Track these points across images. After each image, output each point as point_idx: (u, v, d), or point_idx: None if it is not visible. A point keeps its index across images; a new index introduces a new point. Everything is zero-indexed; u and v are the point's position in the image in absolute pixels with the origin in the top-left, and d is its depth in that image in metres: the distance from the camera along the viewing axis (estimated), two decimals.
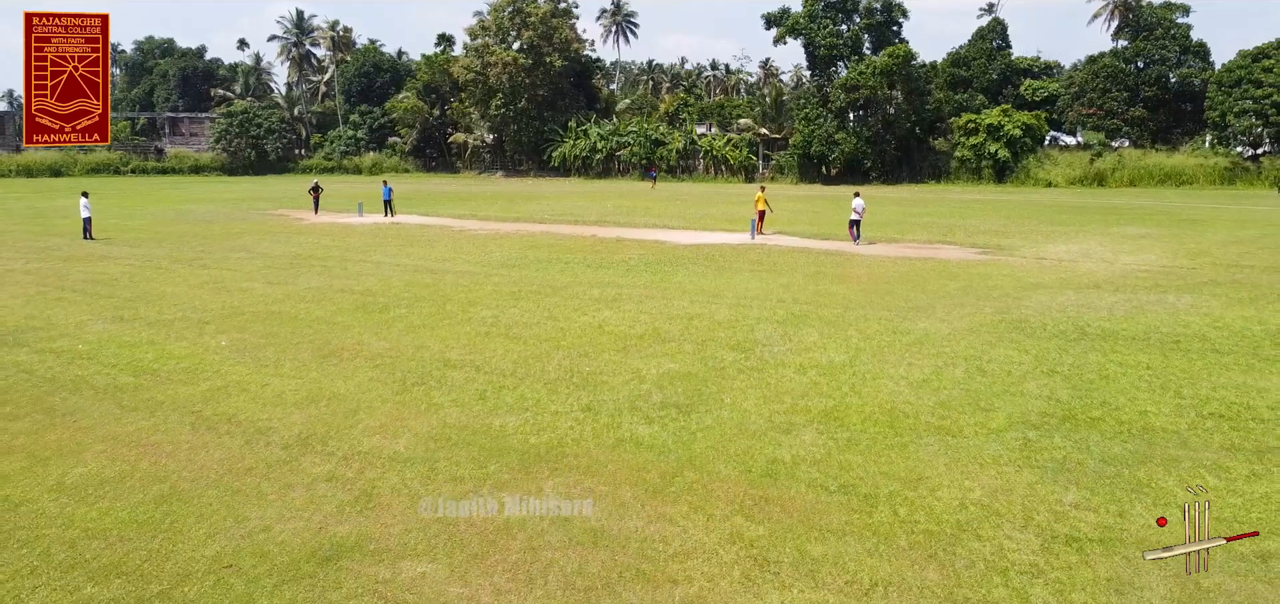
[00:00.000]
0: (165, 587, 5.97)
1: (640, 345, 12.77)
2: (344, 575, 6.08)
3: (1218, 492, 7.44)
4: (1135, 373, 11.11)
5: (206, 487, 7.67)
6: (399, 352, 12.50)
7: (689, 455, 8.34)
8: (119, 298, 17.06)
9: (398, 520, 6.94)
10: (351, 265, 21.43)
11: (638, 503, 7.27)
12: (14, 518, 7.06)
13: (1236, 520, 6.89)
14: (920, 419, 9.36)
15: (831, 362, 11.79)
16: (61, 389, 10.73)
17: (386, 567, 6.19)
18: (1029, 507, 7.15)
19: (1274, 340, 12.92)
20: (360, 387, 10.74)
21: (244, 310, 15.72)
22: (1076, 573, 6.09)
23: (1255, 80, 58.48)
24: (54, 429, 9.23)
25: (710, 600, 5.76)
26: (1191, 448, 8.47)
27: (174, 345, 13.01)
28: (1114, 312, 15.08)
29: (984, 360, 11.79)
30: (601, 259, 22.50)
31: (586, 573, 6.11)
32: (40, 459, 8.35)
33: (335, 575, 6.09)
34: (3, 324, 14.59)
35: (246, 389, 10.67)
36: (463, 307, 15.89)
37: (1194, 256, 22.30)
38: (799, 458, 8.23)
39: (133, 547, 6.55)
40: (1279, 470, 7.88)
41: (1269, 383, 10.65)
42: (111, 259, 22.90)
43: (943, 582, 5.99)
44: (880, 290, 17.66)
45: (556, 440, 8.78)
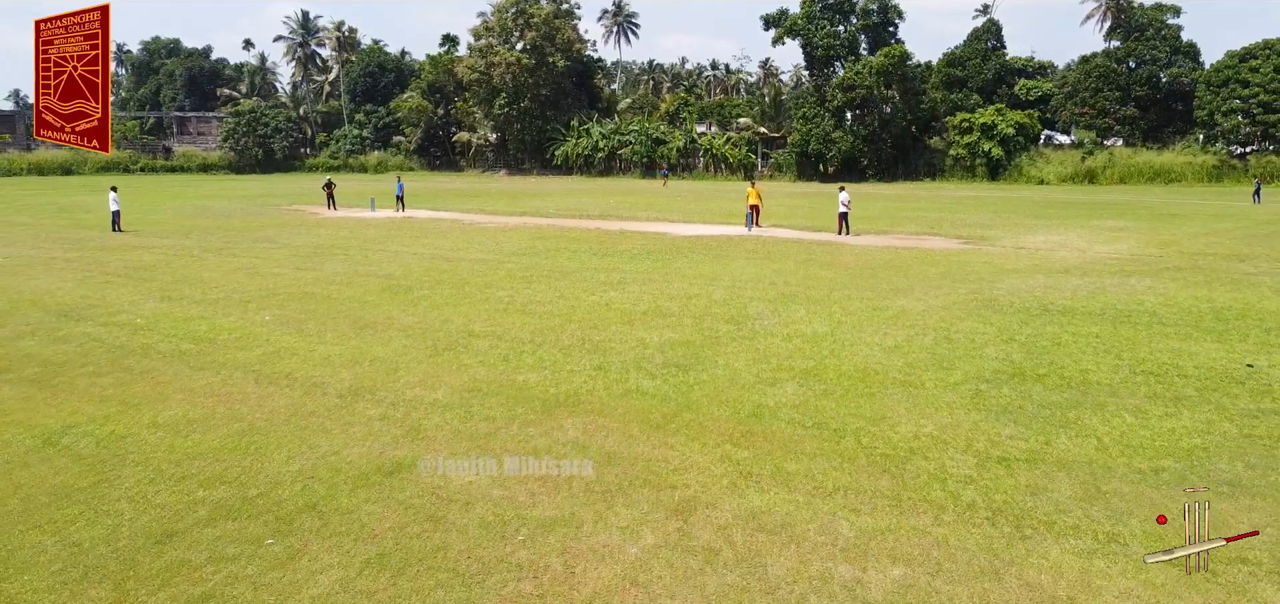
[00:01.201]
0: (262, 491, 7.37)
1: (644, 319, 14.17)
2: (406, 482, 7.48)
3: (1133, 427, 8.83)
4: (1084, 341, 12.50)
5: (278, 425, 9.07)
6: (427, 325, 13.90)
7: (687, 402, 9.74)
8: (162, 281, 18.45)
9: (444, 447, 8.33)
10: (372, 254, 22.82)
11: (644, 435, 8.67)
12: (124, 446, 8.46)
13: (1145, 447, 8.27)
14: (888, 375, 10.76)
15: (815, 332, 13.18)
16: (132, 354, 12.12)
17: (439, 477, 7.59)
18: (971, 437, 8.54)
19: (1216, 315, 14.31)
20: (397, 351, 12.14)
21: (279, 291, 17.11)
22: (1002, 481, 7.48)
23: (1243, 80, 59.87)
24: (136, 384, 10.63)
25: (703, 499, 7.15)
26: (1119, 396, 9.87)
27: (222, 320, 14.41)
28: (1077, 292, 16.47)
29: (951, 331, 13.18)
30: (606, 249, 23.89)
31: (604, 481, 7.50)
32: (131, 405, 9.75)
33: (399, 482, 7.49)
34: (63, 302, 16.00)
35: (296, 353, 12.07)
36: (481, 288, 17.29)
37: (1163, 247, 23.68)
38: (781, 404, 9.63)
39: (228, 465, 7.95)
40: (1187, 413, 9.28)
41: (1199, 348, 12.04)
42: (144, 249, 24.30)
43: (892, 487, 7.38)
44: (865, 275, 19.04)
45: (573, 391, 10.18)
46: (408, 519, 6.80)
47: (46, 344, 12.73)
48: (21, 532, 6.64)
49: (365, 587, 5.79)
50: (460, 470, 7.70)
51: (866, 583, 5.84)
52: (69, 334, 13.36)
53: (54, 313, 15.05)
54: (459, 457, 8.05)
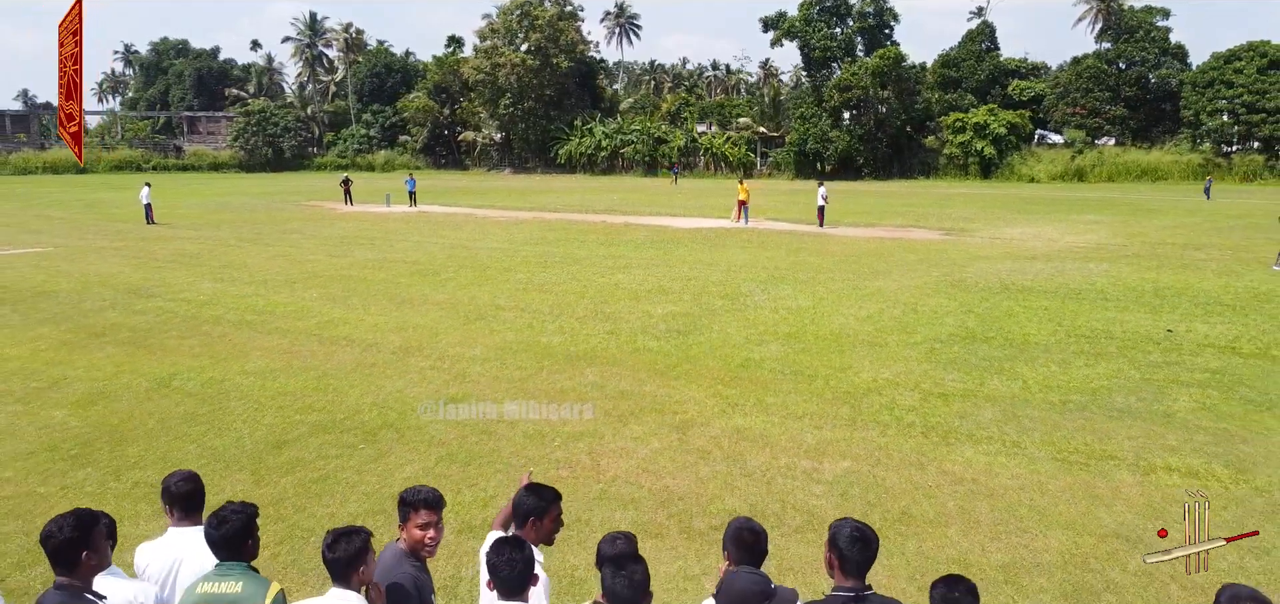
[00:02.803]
0: (346, 415, 9.22)
1: (648, 297, 16.02)
2: (463, 409, 9.34)
3: (1055, 374, 10.67)
4: (1033, 312, 14.34)
5: (347, 372, 10.93)
6: (457, 301, 15.75)
7: (686, 356, 11.59)
8: (210, 266, 20.31)
9: (489, 388, 10.18)
10: (396, 244, 24.67)
11: (651, 379, 10.52)
12: (224, 388, 10.31)
13: (1060, 387, 10.11)
14: (858, 337, 12.61)
15: (799, 306, 15.04)
16: (205, 323, 13.98)
17: (491, 406, 9.45)
18: (919, 380, 10.39)
19: (1156, 292, 16.15)
20: (434, 320, 14.00)
21: (319, 274, 18.96)
22: (938, 409, 9.33)
23: (1227, 81, 61.59)
24: (217, 344, 12.49)
25: (698, 420, 9.00)
26: (1050, 352, 11.71)
27: (275, 297, 16.27)
28: (1038, 275, 18.31)
29: (919, 305, 15.03)
30: (612, 239, 25.73)
31: (619, 409, 9.36)
32: (220, 359, 11.61)
33: (457, 408, 9.35)
34: (129, 283, 17.86)
35: (347, 322, 13.93)
36: (500, 272, 19.13)
37: (1129, 237, 25.51)
38: (765, 358, 11.48)
39: (313, 399, 9.80)
40: (1104, 364, 11.12)
41: (1132, 318, 13.88)
42: (183, 239, 26.15)
43: (849, 413, 9.23)
44: (849, 261, 20.88)
45: (590, 349, 12.03)
46: (466, 433, 8.66)
47: (128, 315, 14.59)
48: (167, 441, 8.50)
49: (441, 473, 7.64)
50: (507, 402, 9.57)
51: (822, 471, 7.69)
52: (144, 308, 15.22)
53: (124, 291, 16.90)
54: (500, 393, 9.91)
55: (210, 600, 3.13)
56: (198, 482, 3.75)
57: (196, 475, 3.79)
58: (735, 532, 3.43)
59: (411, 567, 3.37)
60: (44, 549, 3.11)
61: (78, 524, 3.06)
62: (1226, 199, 43.29)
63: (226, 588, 3.15)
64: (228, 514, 3.20)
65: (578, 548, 6.18)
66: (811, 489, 7.27)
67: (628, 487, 7.35)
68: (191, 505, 3.68)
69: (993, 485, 7.33)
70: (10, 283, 17.92)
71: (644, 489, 7.30)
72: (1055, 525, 6.62)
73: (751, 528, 3.44)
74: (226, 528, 3.19)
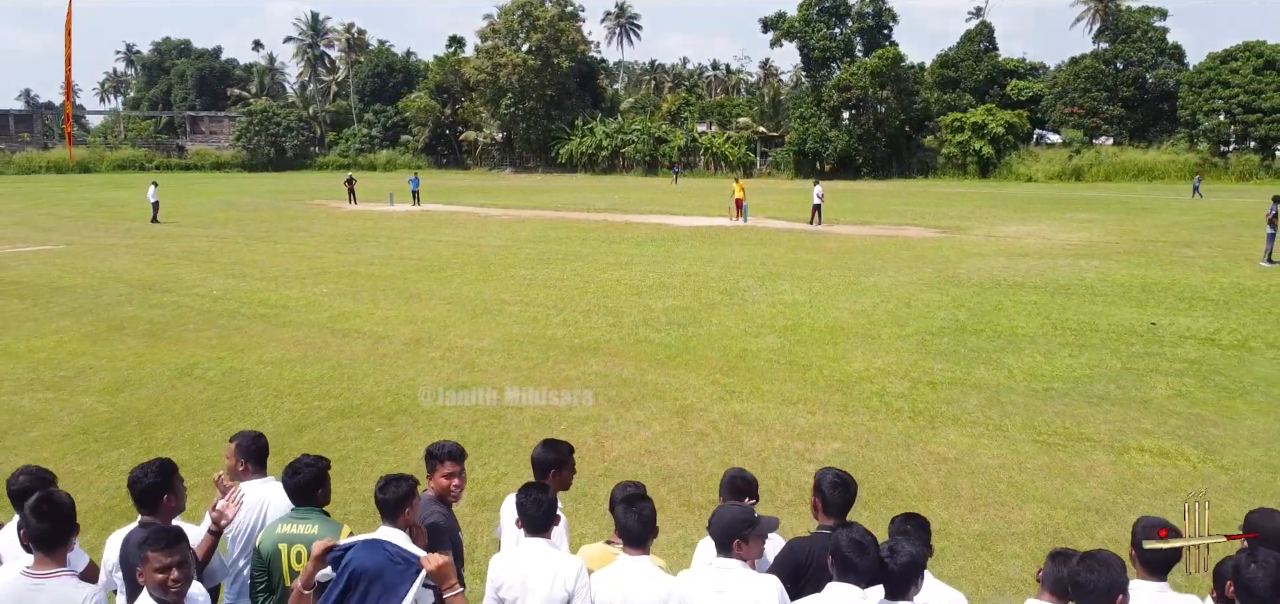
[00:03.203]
0: (362, 401, 9.68)
1: (650, 291, 16.47)
2: (474, 395, 9.80)
3: (1040, 363, 11.12)
4: (1022, 307, 14.80)
5: (360, 362, 11.38)
6: (463, 296, 16.20)
7: (686, 347, 12.05)
8: (221, 263, 20.76)
9: (497, 377, 10.64)
10: (401, 241, 25.13)
11: (652, 368, 10.98)
12: (243, 376, 10.77)
13: (1044, 375, 10.55)
14: (852, 330, 13.06)
15: (795, 300, 15.49)
16: (221, 316, 14.43)
17: (498, 392, 9.90)
18: (909, 369, 10.85)
19: (1143, 288, 16.61)
20: (442, 314, 14.45)
21: (328, 271, 19.42)
22: (926, 395, 9.79)
23: (1223, 81, 62.04)
24: (233, 336, 12.94)
25: (697, 406, 9.46)
26: (1037, 343, 12.16)
27: (286, 292, 16.72)
28: (1029, 271, 18.76)
29: (912, 300, 15.48)
30: (614, 237, 26.18)
31: (623, 394, 9.81)
32: (237, 350, 12.07)
33: (468, 395, 9.81)
34: (143, 279, 18.32)
35: (358, 315, 14.38)
36: (505, 268, 19.59)
37: (1121, 235, 25.96)
38: (762, 348, 11.94)
39: (329, 387, 10.26)
40: (1087, 354, 11.57)
41: (1117, 311, 14.34)
42: (192, 237, 26.61)
43: (842, 399, 9.68)
44: (845, 258, 21.34)
45: (593, 341, 12.49)
46: (478, 417, 9.12)
47: (145, 309, 15.04)
48: (193, 425, 8.96)
49: None
50: (513, 388, 10.03)
51: (814, 451, 8.14)
52: (160, 302, 15.68)
53: (139, 286, 17.36)
54: (507, 381, 10.36)
55: (289, 538, 3.60)
56: (265, 440, 4.24)
57: (263, 435, 4.28)
58: (729, 479, 3.93)
59: (440, 511, 3.84)
60: (131, 492, 3.57)
61: (161, 471, 3.52)
62: (1221, 198, 43.72)
63: (304, 528, 3.61)
64: (301, 465, 3.68)
65: (585, 520, 6.64)
66: (804, 468, 7.72)
67: (630, 465, 7.81)
68: (263, 459, 4.16)
69: (974, 464, 7.79)
70: (28, 278, 18.38)
71: (646, 467, 7.75)
72: (1031, 499, 7.07)
73: (743, 476, 3.94)
74: (300, 477, 3.67)
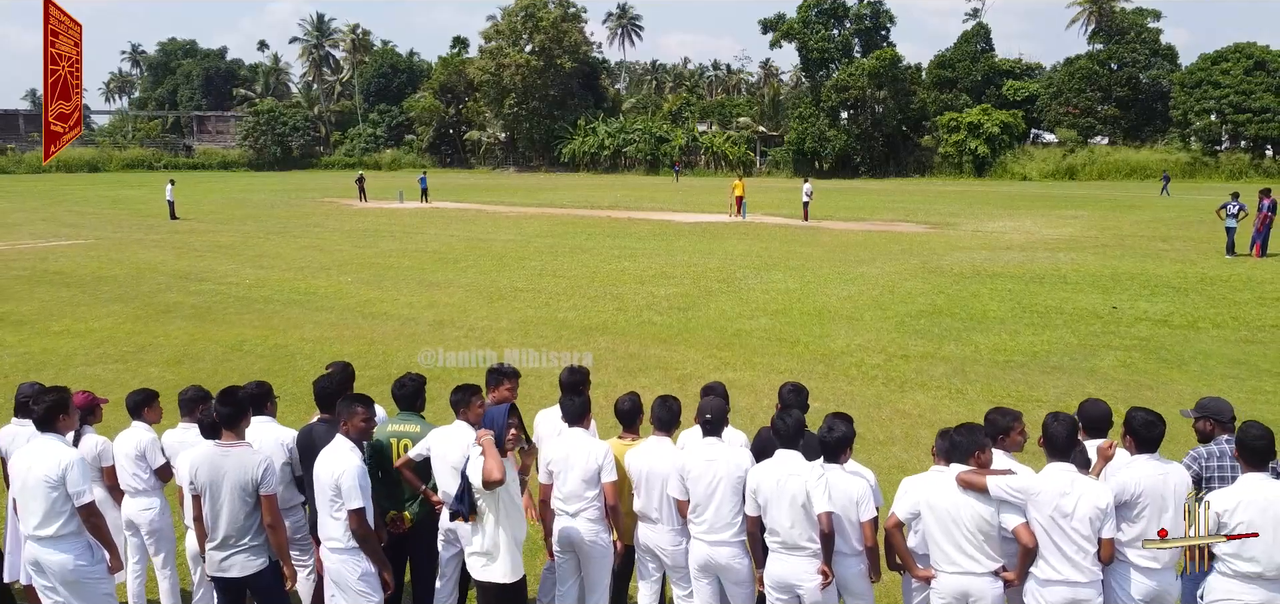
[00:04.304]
0: (398, 371, 10.85)
1: (653, 280, 17.70)
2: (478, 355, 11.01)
3: (1005, 340, 12.33)
4: (996, 293, 16.01)
5: (392, 340, 12.61)
6: (479, 284, 17.43)
7: (686, 328, 13.28)
8: (247, 255, 22.00)
9: (517, 350, 11.87)
10: (416, 236, 26.37)
11: (655, 345, 12.21)
12: (289, 352, 12.00)
13: (1006, 349, 11.77)
14: (838, 313, 14.29)
15: (788, 288, 16.72)
16: (256, 302, 15.66)
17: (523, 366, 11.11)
18: (886, 345, 12.07)
19: (1112, 277, 17.82)
20: (461, 300, 15.68)
21: (350, 262, 20.65)
22: (899, 366, 11.01)
23: (1215, 81, 63.21)
24: (272, 319, 14.17)
25: (695, 375, 10.68)
26: (1005, 324, 13.38)
27: (314, 281, 17.95)
28: (1008, 263, 19.97)
29: (896, 288, 16.71)
30: (618, 231, 27.41)
31: (629, 366, 11.05)
32: (278, 330, 13.30)
33: (468, 355, 11.02)
34: (176, 270, 19.56)
35: (383, 301, 15.61)
36: (516, 260, 20.82)
37: (1102, 230, 27.16)
38: (755, 329, 13.17)
39: (368, 360, 11.48)
40: (1048, 332, 12.79)
41: (1084, 297, 15.55)
42: (214, 232, 27.85)
43: (824, 369, 10.91)
44: (837, 251, 22.56)
45: (601, 322, 13.72)
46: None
47: (186, 296, 16.28)
48: None
49: None
50: (530, 359, 11.27)
51: None
52: (198, 290, 16.91)
53: (175, 276, 18.60)
54: (526, 357, 11.60)
55: (398, 434, 4.92)
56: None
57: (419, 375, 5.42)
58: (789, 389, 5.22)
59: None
60: (316, 392, 5.04)
61: (345, 373, 4.85)
62: (1211, 196, 44.85)
63: (408, 427, 4.95)
64: (407, 380, 5.05)
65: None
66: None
67: None
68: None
69: (934, 418, 9.00)
70: (69, 269, 19.63)
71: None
72: None
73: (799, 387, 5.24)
74: (405, 389, 4.99)
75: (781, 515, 4.29)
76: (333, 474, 4.31)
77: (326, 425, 4.80)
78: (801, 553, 4.28)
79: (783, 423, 4.47)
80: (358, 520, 4.26)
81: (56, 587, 4.40)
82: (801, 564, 4.29)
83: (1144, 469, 4.08)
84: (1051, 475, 4.11)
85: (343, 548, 4.36)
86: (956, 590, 4.15)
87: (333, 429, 4.62)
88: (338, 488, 4.29)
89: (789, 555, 4.31)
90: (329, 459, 4.39)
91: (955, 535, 4.14)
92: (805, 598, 4.33)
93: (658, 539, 4.78)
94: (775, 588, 4.39)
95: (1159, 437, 4.14)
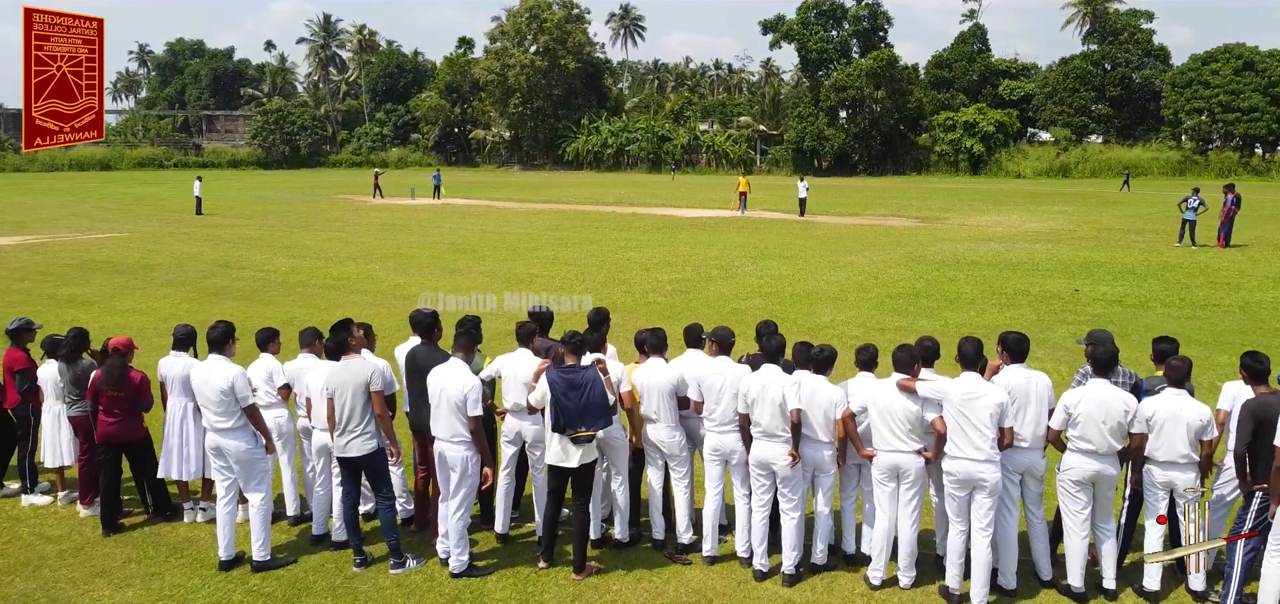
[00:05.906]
0: None
1: (657, 267, 19.20)
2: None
3: (972, 318, 13.82)
4: (971, 279, 17.50)
5: None
6: (496, 271, 18.93)
7: (687, 307, 14.78)
8: (277, 246, 23.51)
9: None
10: (431, 229, 27.87)
11: (659, 321, 13.58)
12: None
13: (971, 325, 13.25)
14: (825, 295, 15.79)
15: (781, 274, 18.22)
16: (296, 288, 17.17)
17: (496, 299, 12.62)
18: (865, 321, 13.57)
19: (1082, 265, 19.29)
20: (481, 283, 17.19)
21: (374, 253, 22.15)
22: (875, 336, 12.45)
23: (1205, 82, 64.62)
24: (314, 300, 15.68)
25: None
26: (975, 305, 14.87)
27: (344, 269, 19.46)
28: (987, 253, 21.45)
29: (881, 274, 18.20)
30: (623, 226, 28.92)
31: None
32: (321, 309, 14.80)
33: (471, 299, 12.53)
34: (214, 259, 21.07)
35: (411, 286, 17.12)
36: (528, 250, 22.33)
37: (1083, 224, 28.63)
38: (748, 308, 14.66)
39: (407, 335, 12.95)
40: (1012, 311, 14.28)
41: (1051, 282, 17.04)
42: (240, 226, 29.36)
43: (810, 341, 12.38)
44: (829, 242, 24.05)
45: (610, 303, 15.14)
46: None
47: (230, 281, 17.79)
48: None
49: None
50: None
51: None
52: (240, 276, 18.43)
53: (214, 265, 20.11)
54: None
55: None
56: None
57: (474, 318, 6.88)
58: (762, 326, 6.66)
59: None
60: (412, 323, 6.38)
61: (433, 313, 6.29)
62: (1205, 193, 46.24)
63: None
64: (468, 321, 6.40)
65: None
66: None
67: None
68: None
69: None
70: (115, 259, 21.14)
71: None
72: None
73: (767, 323, 6.69)
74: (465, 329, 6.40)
75: (764, 412, 5.78)
76: (460, 389, 5.70)
77: (426, 349, 6.26)
78: (777, 440, 5.77)
79: (768, 344, 5.97)
80: (475, 424, 5.72)
81: (230, 465, 5.95)
82: (776, 448, 5.78)
83: (1015, 375, 5.60)
84: (961, 382, 5.61)
85: (465, 441, 5.78)
86: (890, 465, 5.68)
87: (432, 350, 6.11)
88: (464, 398, 5.68)
89: (768, 441, 5.82)
90: (455, 376, 5.77)
91: (891, 423, 5.65)
92: (779, 473, 5.84)
93: (658, 434, 6.35)
94: (757, 465, 5.90)
95: (1025, 351, 5.67)
